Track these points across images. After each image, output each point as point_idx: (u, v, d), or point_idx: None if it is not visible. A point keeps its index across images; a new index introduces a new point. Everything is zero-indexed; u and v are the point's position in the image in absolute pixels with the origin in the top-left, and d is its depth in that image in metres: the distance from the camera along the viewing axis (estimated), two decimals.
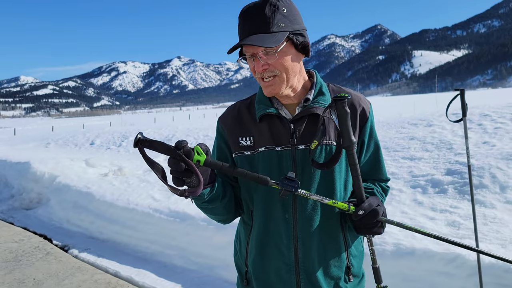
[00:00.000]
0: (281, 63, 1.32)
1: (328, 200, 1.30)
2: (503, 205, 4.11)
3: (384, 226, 1.33)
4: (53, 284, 4.07)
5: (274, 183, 1.28)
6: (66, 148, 13.46)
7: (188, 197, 1.22)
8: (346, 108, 1.24)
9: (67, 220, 6.24)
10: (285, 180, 1.27)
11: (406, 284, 3.17)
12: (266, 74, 1.33)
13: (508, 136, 6.19)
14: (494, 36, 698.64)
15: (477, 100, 22.58)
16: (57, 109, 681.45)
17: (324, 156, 1.37)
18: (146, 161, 1.18)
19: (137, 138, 1.17)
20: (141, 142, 1.17)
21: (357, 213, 1.28)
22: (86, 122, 45.60)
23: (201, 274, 4.17)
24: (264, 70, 1.32)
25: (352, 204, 1.31)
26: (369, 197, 1.33)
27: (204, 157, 1.21)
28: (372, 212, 1.28)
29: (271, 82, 1.34)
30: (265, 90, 1.37)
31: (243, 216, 1.53)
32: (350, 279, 1.43)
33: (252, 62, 1.34)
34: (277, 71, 1.33)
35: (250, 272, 1.47)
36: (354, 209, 1.30)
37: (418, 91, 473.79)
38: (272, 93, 1.37)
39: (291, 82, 1.38)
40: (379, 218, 1.30)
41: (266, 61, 1.31)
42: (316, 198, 1.30)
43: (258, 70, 1.32)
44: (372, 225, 1.31)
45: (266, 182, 1.27)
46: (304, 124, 1.39)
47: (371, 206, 1.29)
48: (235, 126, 1.47)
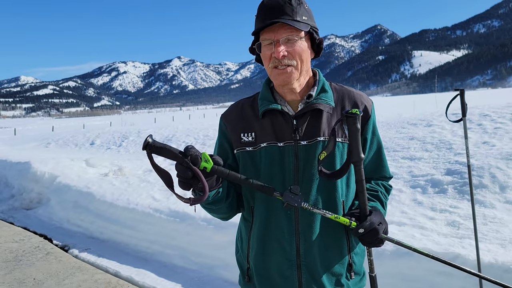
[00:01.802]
0: (300, 53, 1.35)
1: (330, 215, 1.32)
2: (503, 205, 4.11)
3: (383, 241, 1.34)
4: (53, 284, 4.07)
5: (278, 194, 1.29)
6: (66, 148, 13.47)
7: (194, 204, 1.23)
8: (357, 125, 1.26)
9: (67, 220, 6.24)
10: (289, 193, 1.28)
11: (406, 284, 3.17)
12: (284, 61, 1.34)
13: (508, 136, 6.19)
14: (494, 36, 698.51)
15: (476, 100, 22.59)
16: (57, 109, 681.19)
17: (315, 151, 1.38)
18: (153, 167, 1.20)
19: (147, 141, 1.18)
20: (149, 147, 1.18)
21: (357, 230, 1.30)
22: (86, 122, 45.62)
23: (201, 274, 4.17)
24: (283, 57, 1.34)
25: (354, 220, 1.32)
26: (372, 214, 1.33)
27: (211, 164, 1.23)
28: (372, 232, 1.30)
29: (286, 70, 1.36)
30: (278, 77, 1.38)
31: (244, 213, 1.53)
32: (351, 276, 1.44)
33: (271, 49, 1.35)
34: (294, 61, 1.35)
35: (252, 268, 1.48)
36: (355, 225, 1.31)
37: (418, 91, 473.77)
38: (285, 82, 1.38)
39: (302, 75, 1.40)
40: (379, 236, 1.31)
41: (286, 49, 1.33)
42: (319, 212, 1.32)
43: (277, 56, 1.33)
44: (370, 241, 1.32)
45: (271, 193, 1.29)
46: (307, 120, 1.40)
47: (372, 226, 1.30)
48: (238, 122, 1.48)
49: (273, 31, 1.33)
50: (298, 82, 1.40)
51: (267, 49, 1.36)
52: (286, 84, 1.38)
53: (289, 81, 1.37)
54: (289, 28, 1.33)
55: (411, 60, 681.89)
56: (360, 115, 1.25)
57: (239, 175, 1.30)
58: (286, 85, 1.40)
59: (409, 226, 3.77)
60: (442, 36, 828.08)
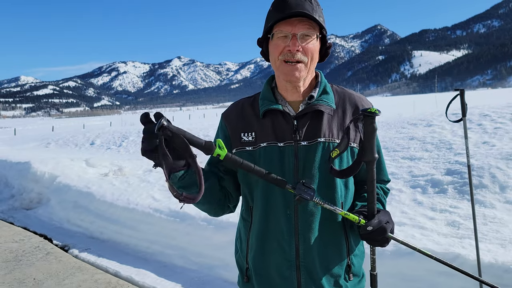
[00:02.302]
0: (313, 51, 1.36)
1: (340, 211, 1.32)
2: (503, 205, 4.11)
3: (389, 241, 1.35)
4: (53, 284, 4.07)
5: (290, 187, 1.28)
6: (66, 148, 13.47)
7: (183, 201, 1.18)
8: (375, 124, 1.26)
9: (67, 220, 6.24)
10: (302, 186, 1.27)
11: (406, 284, 3.17)
12: (297, 56, 1.34)
13: (508, 136, 6.19)
14: (494, 36, 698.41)
15: (476, 100, 22.58)
16: (57, 109, 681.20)
17: (322, 152, 1.38)
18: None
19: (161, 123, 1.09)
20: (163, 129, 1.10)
21: (366, 228, 1.30)
22: (86, 122, 45.61)
23: (201, 274, 4.17)
24: (297, 51, 1.34)
25: (362, 217, 1.33)
26: (380, 213, 1.34)
27: (225, 152, 1.23)
28: (380, 229, 1.30)
29: (296, 66, 1.36)
30: (287, 72, 1.37)
31: (243, 213, 1.53)
32: (350, 278, 1.44)
33: (286, 41, 1.35)
34: (306, 58, 1.36)
35: (251, 268, 1.47)
36: (364, 223, 1.31)
37: (418, 91, 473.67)
38: (294, 76, 1.37)
39: (309, 74, 1.42)
40: (386, 235, 1.32)
41: (302, 44, 1.34)
42: (330, 207, 1.31)
43: (293, 50, 1.33)
44: (377, 240, 1.33)
45: (284, 185, 1.28)
46: (308, 121, 1.40)
47: (380, 223, 1.30)
48: (238, 122, 1.48)
49: (291, 24, 1.33)
50: (303, 80, 1.41)
51: (281, 41, 1.36)
52: (294, 80, 1.38)
53: (297, 77, 1.37)
54: (307, 24, 1.34)
55: (411, 60, 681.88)
56: (379, 114, 1.24)
57: (253, 165, 1.28)
58: (293, 82, 1.40)
59: (409, 226, 3.77)
60: (442, 36, 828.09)
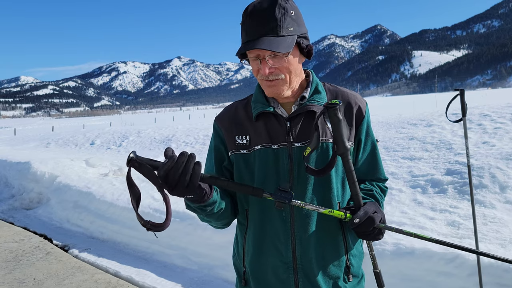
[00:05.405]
0: (288, 67, 1.33)
1: (324, 210, 1.30)
2: (503, 205, 4.11)
3: (383, 232, 1.32)
4: (53, 284, 4.07)
5: (268, 194, 1.26)
6: (66, 148, 13.47)
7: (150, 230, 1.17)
8: (339, 115, 1.23)
9: (67, 220, 6.24)
10: (278, 191, 1.25)
11: (406, 284, 3.17)
12: (271, 77, 1.33)
13: (508, 136, 6.19)
14: (494, 36, 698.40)
15: (476, 100, 22.60)
16: (57, 109, 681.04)
17: (320, 154, 1.37)
18: (127, 181, 1.19)
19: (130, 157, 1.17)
20: (132, 162, 1.18)
21: (353, 221, 1.28)
22: (86, 122, 45.63)
23: (201, 274, 4.17)
24: (270, 73, 1.32)
25: (349, 212, 1.31)
26: (366, 204, 1.32)
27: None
28: (368, 220, 1.28)
29: (275, 83, 1.35)
30: (267, 90, 1.38)
31: (239, 217, 1.52)
32: (349, 279, 1.42)
33: (257, 65, 1.33)
34: (282, 75, 1.33)
35: (248, 272, 1.46)
36: (351, 217, 1.29)
37: (418, 91, 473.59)
38: (275, 94, 1.38)
39: (293, 83, 1.39)
40: (376, 225, 1.29)
41: (273, 64, 1.31)
42: (312, 208, 1.29)
43: (264, 74, 1.32)
44: (369, 232, 1.30)
45: (260, 194, 1.26)
46: (301, 122, 1.39)
47: (366, 214, 1.28)
48: (232, 125, 1.48)
49: (257, 48, 1.30)
50: (289, 90, 1.39)
51: (254, 64, 1.35)
52: (277, 95, 1.39)
53: (280, 92, 1.37)
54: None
55: (411, 60, 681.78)
56: (340, 104, 1.22)
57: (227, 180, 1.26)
58: (277, 96, 1.40)
59: (409, 226, 3.77)
60: (442, 36, 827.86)
